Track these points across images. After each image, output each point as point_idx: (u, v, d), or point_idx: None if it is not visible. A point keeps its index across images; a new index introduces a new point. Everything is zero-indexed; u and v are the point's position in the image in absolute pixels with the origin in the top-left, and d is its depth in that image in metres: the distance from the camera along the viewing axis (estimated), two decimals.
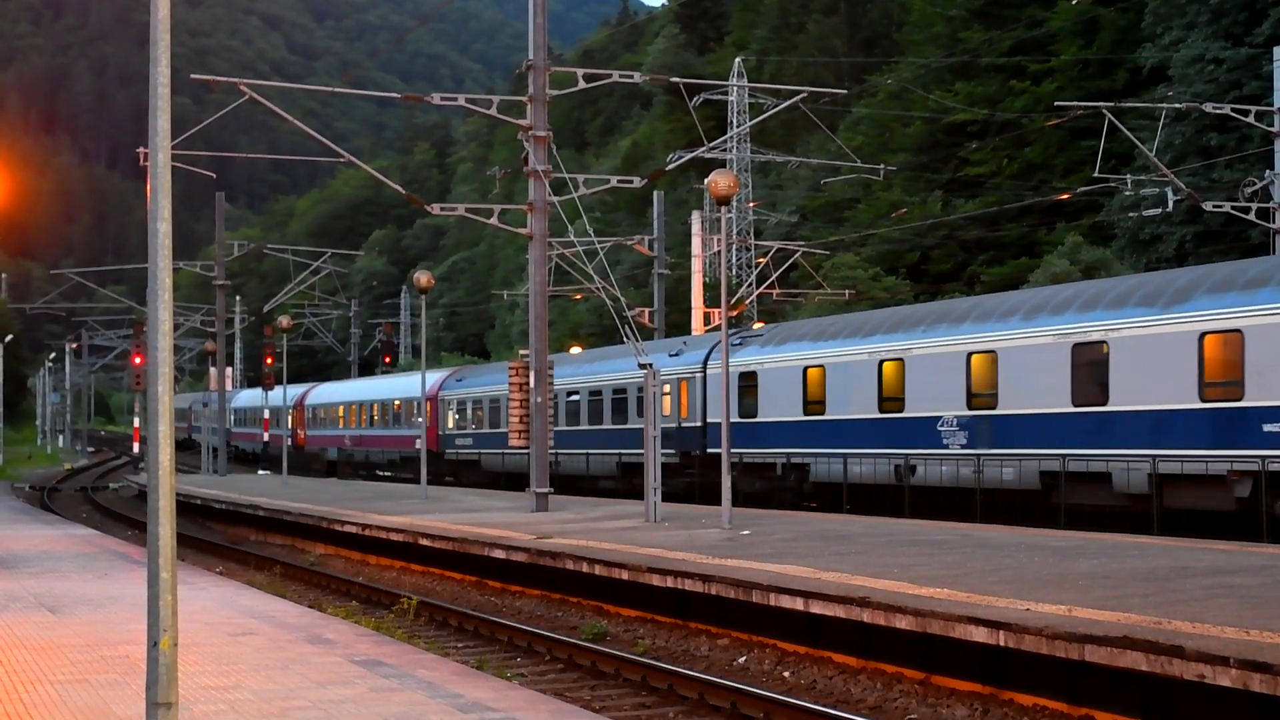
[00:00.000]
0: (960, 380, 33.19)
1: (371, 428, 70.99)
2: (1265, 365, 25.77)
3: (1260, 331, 25.93)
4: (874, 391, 36.10)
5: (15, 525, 40.24)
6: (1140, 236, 57.77)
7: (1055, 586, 16.99)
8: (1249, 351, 26.15)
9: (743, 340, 43.43)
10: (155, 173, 9.17)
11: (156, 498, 9.05)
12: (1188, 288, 28.34)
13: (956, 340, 33.48)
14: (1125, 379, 28.80)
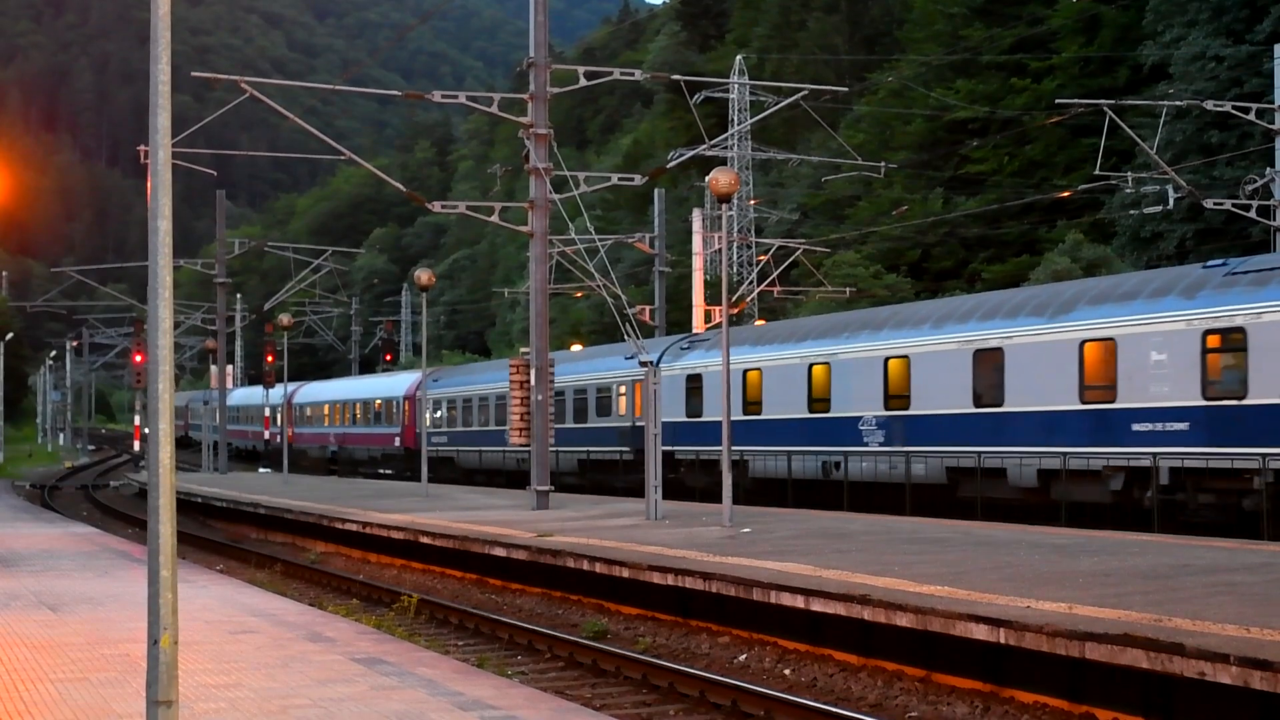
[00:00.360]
0: (878, 383, 36.02)
1: (355, 425, 72.80)
2: (1134, 370, 28.85)
3: (1131, 340, 29.05)
4: (804, 393, 38.89)
5: (16, 523, 40.26)
6: (1141, 234, 57.79)
7: (1055, 584, 16.99)
8: (1121, 358, 29.24)
9: (690, 345, 46.12)
10: (156, 170, 9.17)
11: (157, 495, 9.05)
12: (1071, 300, 31.44)
13: (876, 346, 36.31)
14: (1018, 383, 31.79)
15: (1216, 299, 27.84)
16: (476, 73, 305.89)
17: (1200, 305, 28.09)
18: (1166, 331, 28.49)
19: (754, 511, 32.25)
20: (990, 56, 73.57)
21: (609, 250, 46.17)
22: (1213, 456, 27.31)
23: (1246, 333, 26.95)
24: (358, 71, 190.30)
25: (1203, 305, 28.08)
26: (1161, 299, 29.21)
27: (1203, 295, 28.31)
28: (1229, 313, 27.39)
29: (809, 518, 30.45)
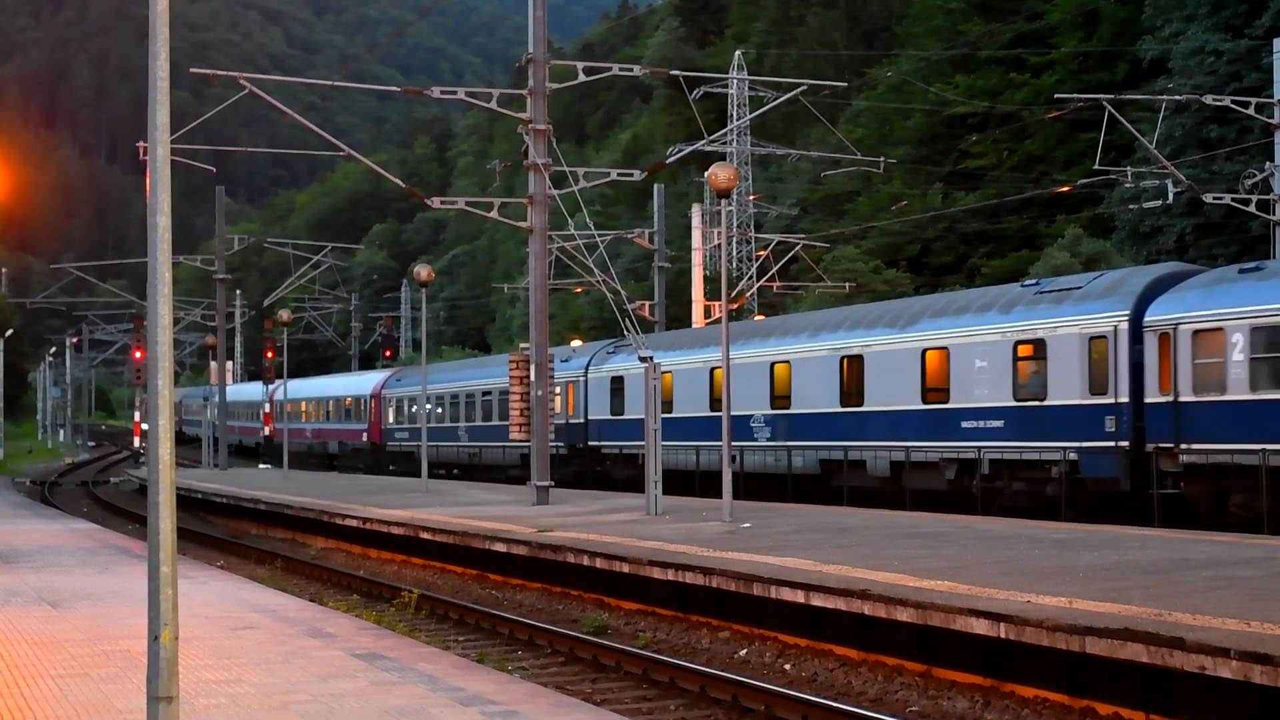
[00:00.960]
0: (766, 385, 40.89)
1: (328, 421, 76.28)
2: (963, 375, 33.74)
3: (960, 349, 33.95)
4: (707, 394, 43.38)
5: (16, 520, 40.28)
6: (1140, 229, 57.77)
7: (1056, 578, 17.00)
8: (953, 364, 34.10)
9: (615, 349, 50.66)
10: (155, 167, 9.17)
11: (157, 492, 9.05)
12: (918, 313, 36.29)
13: (763, 352, 41.31)
14: (876, 385, 36.65)
15: (1025, 314, 32.69)
16: (475, 68, 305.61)
17: (1012, 320, 32.89)
18: (987, 342, 33.34)
19: (754, 507, 32.26)
20: (989, 51, 73.52)
21: (608, 246, 46.21)
22: (1022, 449, 32.04)
23: (1046, 344, 31.79)
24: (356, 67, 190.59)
25: (1014, 320, 32.84)
26: (985, 314, 33.98)
27: (1015, 311, 33.09)
28: (1032, 326, 32.26)
29: (809, 513, 30.46)
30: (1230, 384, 27.61)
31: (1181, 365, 28.54)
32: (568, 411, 51.46)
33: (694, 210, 66.42)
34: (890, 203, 69.44)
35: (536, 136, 34.31)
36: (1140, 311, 29.88)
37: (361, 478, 58.96)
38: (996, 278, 61.10)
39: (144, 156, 10.58)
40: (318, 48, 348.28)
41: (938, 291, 57.67)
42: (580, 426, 50.85)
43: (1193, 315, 28.54)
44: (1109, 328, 30.34)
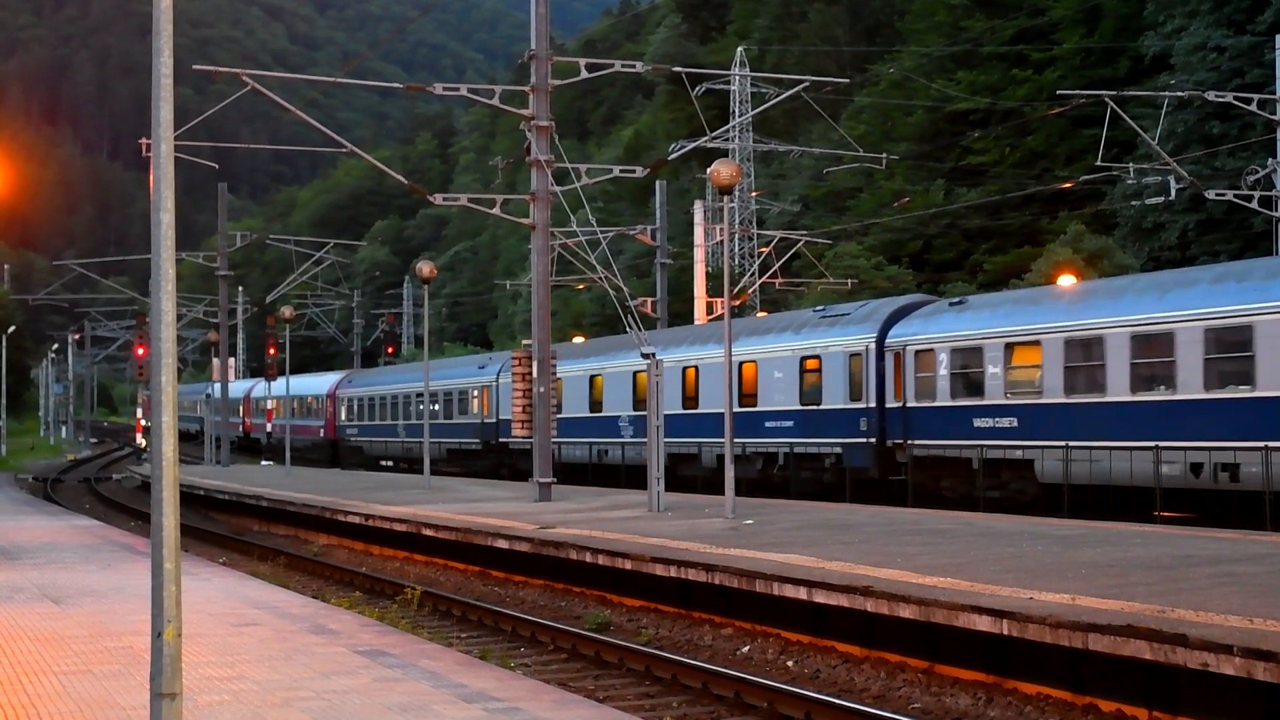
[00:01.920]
0: (629, 390, 48.03)
1: (293, 418, 79.76)
2: (768, 384, 41.07)
3: (765, 362, 41.19)
4: (586, 396, 50.94)
5: (18, 516, 40.29)
6: (1143, 225, 57.77)
7: (1058, 575, 16.99)
8: (760, 375, 41.31)
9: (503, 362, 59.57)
10: (158, 163, 9.17)
11: (160, 488, 9.05)
12: (738, 333, 40.03)
13: (628, 363, 47.23)
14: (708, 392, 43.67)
15: (809, 335, 39.87)
16: (478, 65, 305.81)
17: (801, 339, 40.18)
18: (783, 357, 40.74)
19: (756, 503, 32.26)
20: (991, 47, 73.51)
21: (610, 242, 46.12)
22: (806, 444, 39.28)
23: (822, 359, 38.98)
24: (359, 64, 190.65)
25: (802, 339, 40.09)
26: (783, 334, 41.36)
27: (803, 332, 40.41)
28: (813, 345, 39.46)
29: (811, 509, 30.46)
30: (938, 393, 35.02)
31: (908, 378, 36.03)
32: (483, 412, 59.93)
33: (696, 207, 66.44)
34: (892, 199, 69.44)
35: (539, 133, 34.29)
36: (884, 335, 37.16)
37: (363, 474, 59.02)
38: (999, 274, 61.20)
39: (147, 153, 10.58)
40: (320, 44, 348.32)
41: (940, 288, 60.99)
42: (493, 425, 58.43)
43: (916, 338, 35.98)
44: (863, 347, 37.63)
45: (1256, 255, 44.32)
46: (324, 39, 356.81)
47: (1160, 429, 29.10)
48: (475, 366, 63.70)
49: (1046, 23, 71.19)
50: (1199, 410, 28.52)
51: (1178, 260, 52.61)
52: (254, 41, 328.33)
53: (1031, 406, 32.33)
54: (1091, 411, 30.81)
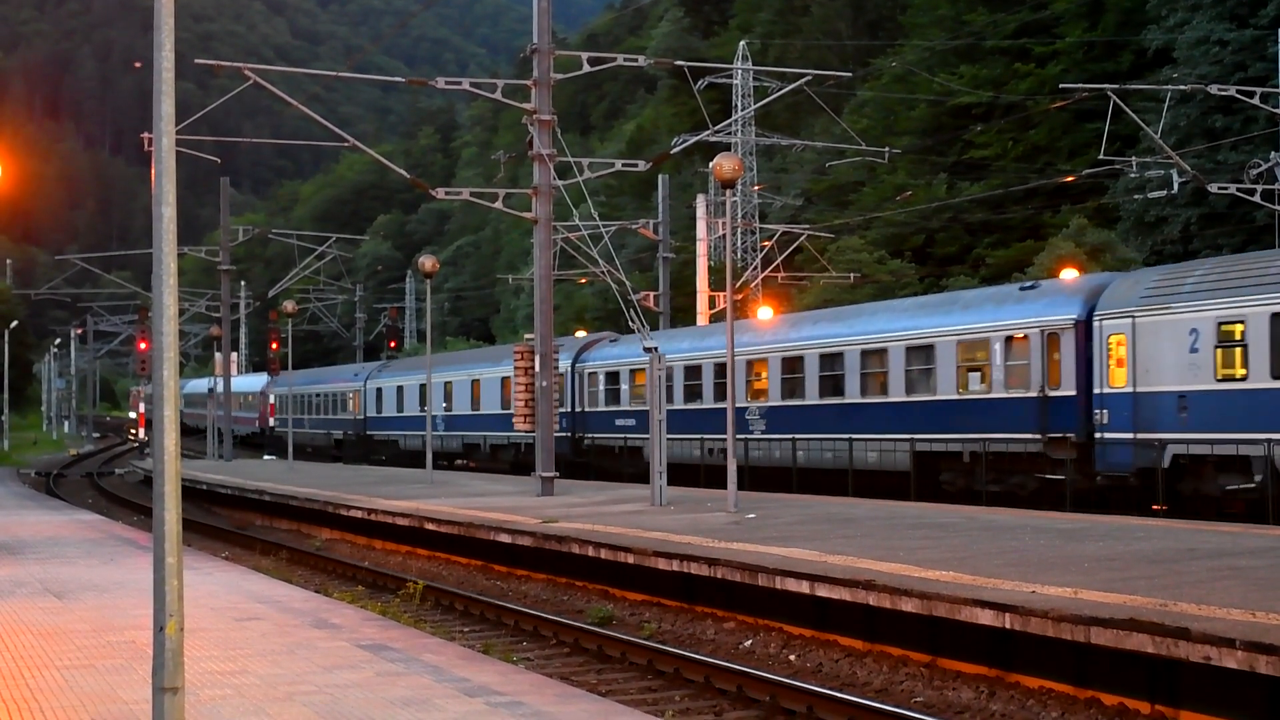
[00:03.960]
0: (499, 394, 57.39)
1: (239, 410, 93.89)
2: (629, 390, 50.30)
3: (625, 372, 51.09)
4: (469, 398, 61.35)
5: (21, 511, 40.33)
6: (1145, 219, 57.68)
7: (1061, 569, 17.00)
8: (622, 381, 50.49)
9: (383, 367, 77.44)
10: (160, 158, 9.16)
11: (162, 482, 9.05)
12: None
13: (499, 371, 56.10)
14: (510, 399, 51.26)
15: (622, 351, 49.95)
16: (480, 59, 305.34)
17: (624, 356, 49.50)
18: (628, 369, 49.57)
19: (759, 497, 32.28)
20: (994, 41, 73.41)
21: (613, 236, 46.12)
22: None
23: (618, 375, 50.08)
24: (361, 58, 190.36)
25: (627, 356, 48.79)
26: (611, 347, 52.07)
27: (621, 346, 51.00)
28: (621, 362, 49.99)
29: (813, 503, 30.48)
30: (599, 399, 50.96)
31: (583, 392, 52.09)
32: (354, 411, 76.08)
33: (699, 201, 66.31)
34: (895, 193, 69.36)
35: (541, 127, 34.28)
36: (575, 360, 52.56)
37: (366, 469, 59.08)
38: (1001, 268, 61.11)
39: (149, 148, 10.59)
40: (322, 39, 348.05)
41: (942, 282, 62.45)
42: (362, 420, 74.55)
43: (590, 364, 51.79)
44: (566, 368, 50.94)
45: (1259, 249, 44.22)
46: (326, 33, 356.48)
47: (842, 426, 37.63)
48: (350, 374, 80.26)
49: (1049, 16, 71.08)
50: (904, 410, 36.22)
51: (1180, 255, 52.52)
52: (256, 36, 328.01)
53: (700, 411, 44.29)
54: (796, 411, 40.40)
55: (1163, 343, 29.28)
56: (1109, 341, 30.64)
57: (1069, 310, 32.22)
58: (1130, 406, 29.94)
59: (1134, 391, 29.89)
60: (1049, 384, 32.29)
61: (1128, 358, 30.11)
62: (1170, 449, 28.95)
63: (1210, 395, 28.35)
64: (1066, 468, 31.60)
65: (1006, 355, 33.55)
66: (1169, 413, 28.99)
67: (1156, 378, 29.43)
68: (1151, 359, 29.53)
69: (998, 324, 34.00)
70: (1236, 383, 27.90)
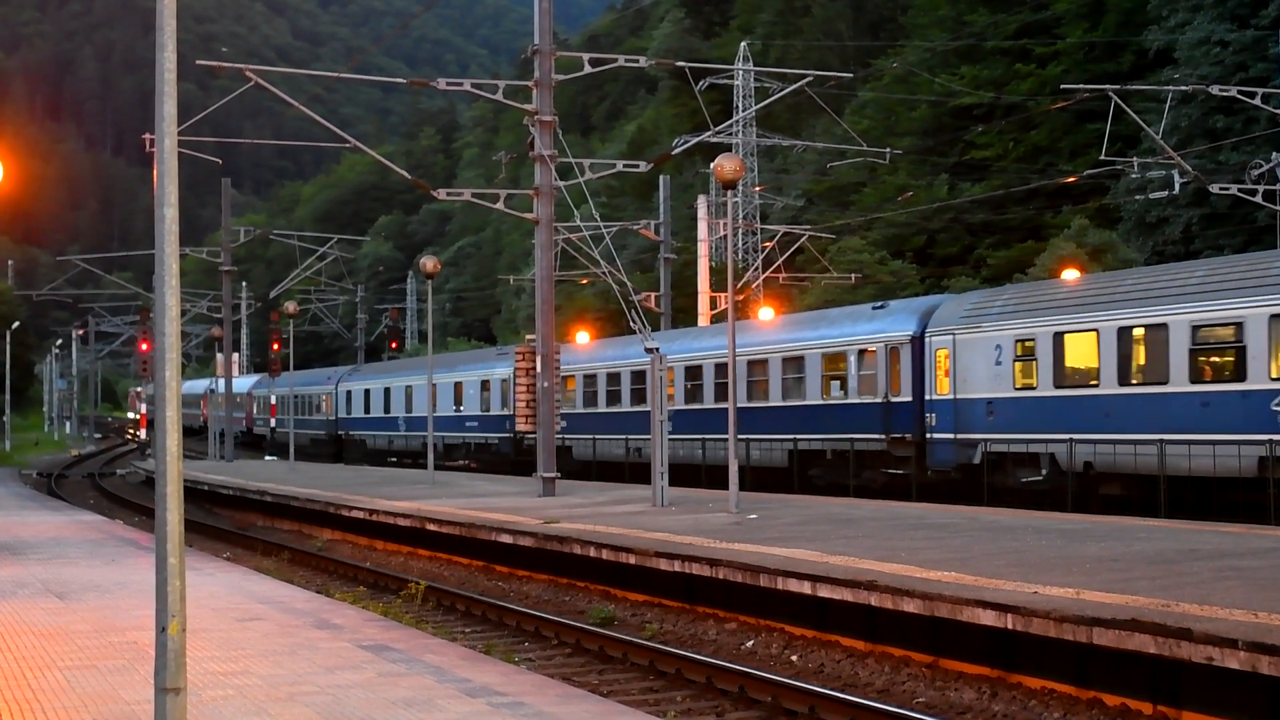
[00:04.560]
0: (405, 400, 68.19)
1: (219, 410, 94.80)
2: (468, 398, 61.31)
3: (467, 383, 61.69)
4: (398, 401, 69.60)
5: (23, 511, 40.33)
6: (1147, 219, 57.70)
7: (1062, 569, 16.99)
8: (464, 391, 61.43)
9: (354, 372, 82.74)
10: (161, 159, 9.17)
11: (164, 483, 9.05)
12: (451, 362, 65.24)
13: (453, 376, 63.06)
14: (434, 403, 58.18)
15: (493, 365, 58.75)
16: (481, 60, 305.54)
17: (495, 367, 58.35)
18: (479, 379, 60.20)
19: (760, 498, 32.28)
20: (995, 42, 73.43)
21: (614, 237, 46.15)
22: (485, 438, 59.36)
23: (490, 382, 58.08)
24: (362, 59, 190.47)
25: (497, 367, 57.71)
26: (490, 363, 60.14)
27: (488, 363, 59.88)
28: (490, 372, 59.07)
29: (815, 504, 30.48)
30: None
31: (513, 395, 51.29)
32: (329, 411, 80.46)
33: (700, 201, 66.31)
34: (896, 194, 69.38)
35: (542, 128, 34.29)
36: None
37: (367, 469, 59.15)
38: (1002, 269, 61.10)
39: (150, 148, 10.59)
40: (323, 40, 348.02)
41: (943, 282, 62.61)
42: (334, 420, 79.41)
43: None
44: (507, 375, 53.11)
45: (1260, 249, 44.24)
46: (327, 34, 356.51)
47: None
48: (324, 378, 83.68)
49: (1050, 17, 71.10)
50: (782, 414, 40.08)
51: (1181, 255, 52.53)
52: (257, 37, 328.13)
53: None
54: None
55: (976, 356, 33.87)
56: (937, 355, 35.23)
57: (907, 328, 36.63)
58: (952, 411, 34.53)
59: (955, 398, 34.46)
60: (891, 391, 36.75)
61: (950, 369, 34.62)
62: (982, 447, 33.38)
63: (1010, 401, 32.94)
64: (908, 463, 36.12)
65: (859, 366, 38.11)
66: (980, 416, 33.58)
67: (971, 386, 33.98)
68: (968, 370, 34.10)
69: (853, 339, 38.52)
70: (1030, 391, 32.46)
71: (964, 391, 34.06)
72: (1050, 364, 31.93)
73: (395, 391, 70.00)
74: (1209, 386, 28.35)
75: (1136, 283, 31.54)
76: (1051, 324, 32.03)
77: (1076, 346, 31.65)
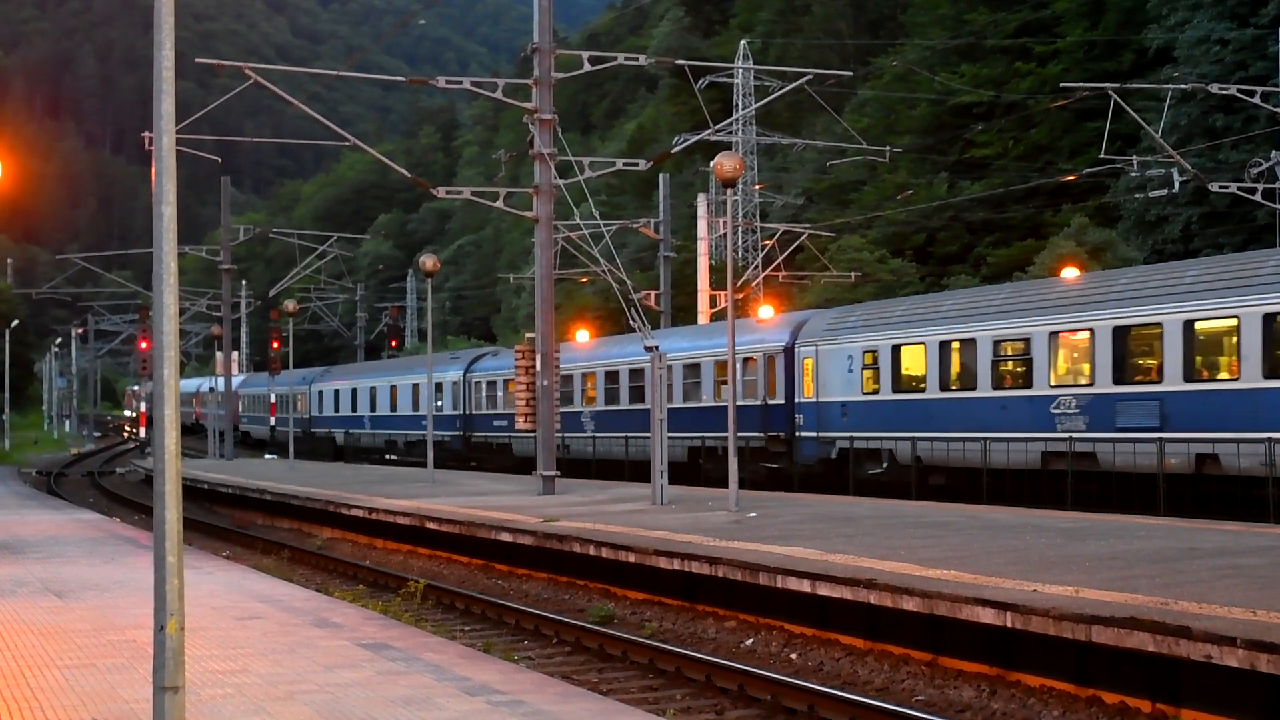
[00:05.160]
0: (369, 400, 73.24)
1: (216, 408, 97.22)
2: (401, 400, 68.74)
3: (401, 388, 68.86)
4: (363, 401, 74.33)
5: (22, 510, 40.32)
6: (1146, 218, 57.71)
7: (1062, 567, 16.99)
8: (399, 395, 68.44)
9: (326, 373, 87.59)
10: (160, 157, 9.16)
11: (163, 482, 9.05)
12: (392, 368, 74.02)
13: (411, 379, 67.63)
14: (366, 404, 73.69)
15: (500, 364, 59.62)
16: (481, 58, 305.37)
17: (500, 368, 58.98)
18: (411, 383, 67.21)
19: (760, 496, 32.29)
20: (994, 40, 73.43)
21: (614, 235, 46.11)
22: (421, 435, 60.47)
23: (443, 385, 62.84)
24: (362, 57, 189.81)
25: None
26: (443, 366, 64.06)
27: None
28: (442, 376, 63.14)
29: (815, 502, 30.48)
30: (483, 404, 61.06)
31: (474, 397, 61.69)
32: (304, 410, 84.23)
33: (699, 200, 66.34)
34: (896, 192, 69.37)
35: (542, 126, 34.28)
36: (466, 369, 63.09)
37: (367, 468, 59.11)
38: (1002, 267, 61.11)
39: (149, 147, 10.56)
40: (323, 38, 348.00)
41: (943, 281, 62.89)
42: (308, 419, 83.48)
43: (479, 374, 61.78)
44: (457, 378, 62.74)
45: (1260, 248, 44.22)
46: (327, 32, 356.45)
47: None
48: (300, 378, 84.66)
49: (1050, 16, 71.11)
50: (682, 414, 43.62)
51: (1181, 253, 52.53)
52: (257, 35, 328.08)
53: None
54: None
55: (834, 365, 39.15)
56: (804, 364, 40.49)
57: (781, 339, 41.80)
58: (815, 413, 39.78)
59: (817, 401, 39.73)
60: (768, 395, 41.74)
61: (813, 376, 39.87)
62: (838, 444, 38.64)
63: (860, 404, 38.20)
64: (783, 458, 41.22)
65: (744, 373, 42.10)
66: (837, 417, 38.82)
67: (830, 391, 39.29)
68: (828, 377, 39.38)
69: (739, 347, 39.51)
70: (875, 395, 37.65)
71: (824, 395, 39.42)
72: (889, 372, 37.10)
73: (361, 392, 75.34)
74: (1007, 392, 33.37)
75: (956, 304, 36.74)
76: (891, 338, 37.17)
77: (910, 357, 36.68)
